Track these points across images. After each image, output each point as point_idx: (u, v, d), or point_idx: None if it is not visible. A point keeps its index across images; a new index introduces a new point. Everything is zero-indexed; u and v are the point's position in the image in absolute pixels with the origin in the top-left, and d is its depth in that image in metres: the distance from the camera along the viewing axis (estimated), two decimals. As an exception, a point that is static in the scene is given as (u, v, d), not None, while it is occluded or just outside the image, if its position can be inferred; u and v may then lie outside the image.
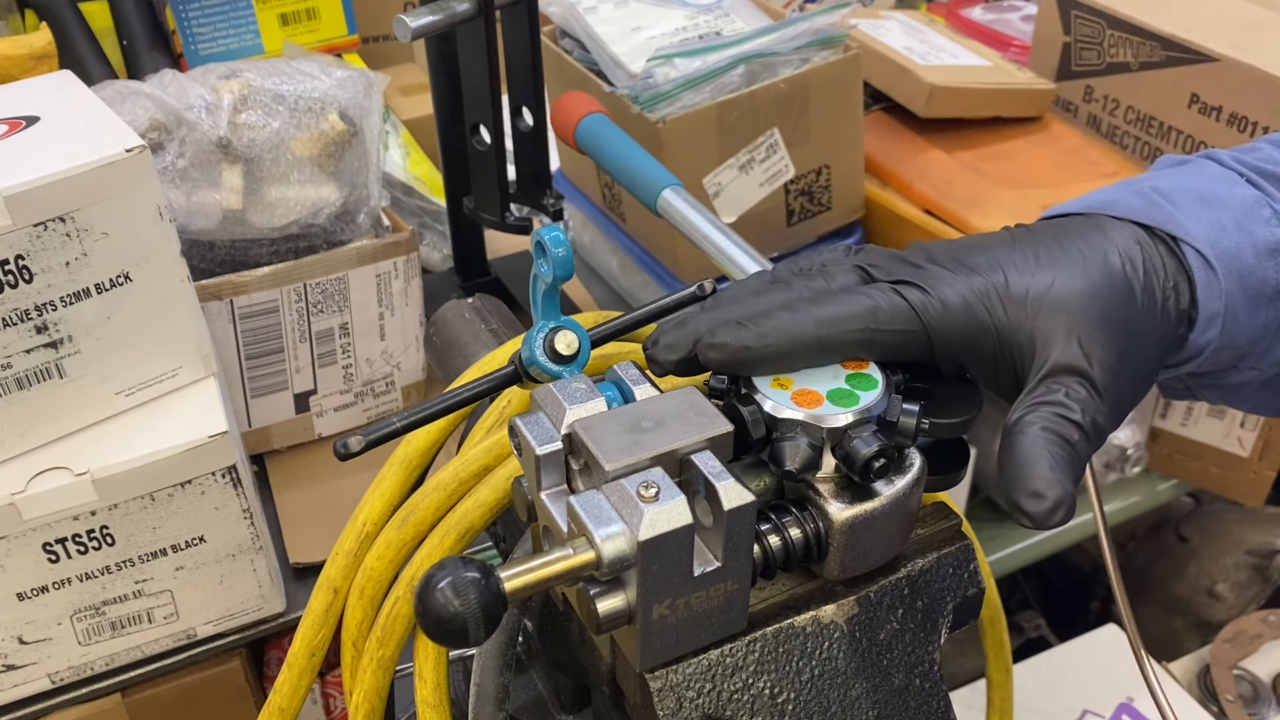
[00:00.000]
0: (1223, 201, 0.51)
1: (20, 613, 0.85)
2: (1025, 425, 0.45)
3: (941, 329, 0.47)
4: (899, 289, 0.47)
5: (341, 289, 1.04)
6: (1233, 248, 0.49)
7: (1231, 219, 0.50)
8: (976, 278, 0.48)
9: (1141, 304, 0.48)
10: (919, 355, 0.47)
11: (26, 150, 0.78)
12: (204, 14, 1.24)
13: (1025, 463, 0.44)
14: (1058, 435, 0.44)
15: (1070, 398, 0.45)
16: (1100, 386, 0.46)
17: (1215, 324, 0.49)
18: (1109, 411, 0.46)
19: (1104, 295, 0.47)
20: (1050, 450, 0.44)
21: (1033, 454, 0.44)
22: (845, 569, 0.44)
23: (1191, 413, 1.47)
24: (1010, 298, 0.47)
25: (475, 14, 0.95)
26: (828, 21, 1.10)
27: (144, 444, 0.83)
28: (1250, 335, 0.50)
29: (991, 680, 0.71)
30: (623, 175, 0.80)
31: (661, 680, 0.42)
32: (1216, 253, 0.49)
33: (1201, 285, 0.49)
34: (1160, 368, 0.50)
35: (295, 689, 0.57)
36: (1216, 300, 0.49)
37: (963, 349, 0.47)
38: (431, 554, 0.51)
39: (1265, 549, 1.55)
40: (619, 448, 0.41)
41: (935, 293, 0.47)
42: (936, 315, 0.46)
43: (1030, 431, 0.45)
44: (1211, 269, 0.49)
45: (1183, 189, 0.51)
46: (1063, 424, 0.45)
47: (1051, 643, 1.55)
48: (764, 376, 0.46)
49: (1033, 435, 0.44)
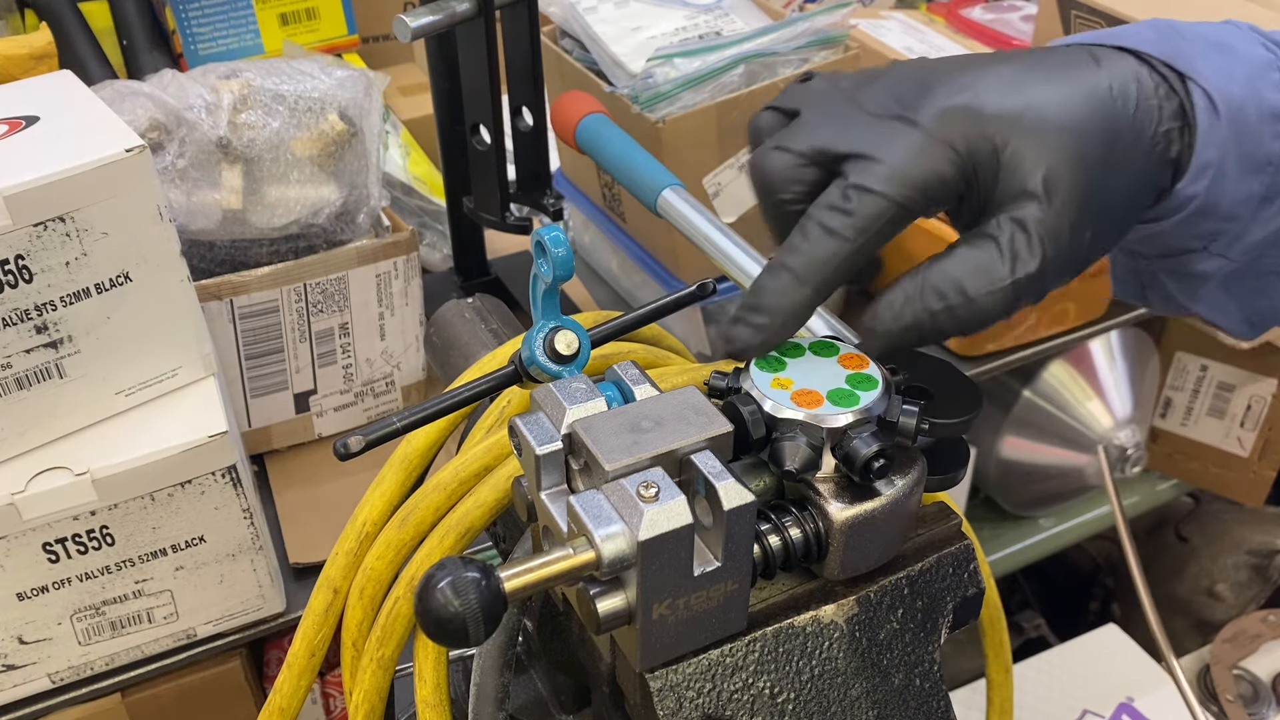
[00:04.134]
0: (1237, 53, 0.48)
1: (20, 613, 0.85)
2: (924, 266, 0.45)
3: (915, 195, 0.45)
4: (858, 179, 0.45)
5: (341, 289, 1.04)
6: (1239, 101, 0.47)
7: (1243, 72, 0.47)
8: (943, 105, 0.45)
9: (1124, 145, 0.45)
10: (905, 226, 0.46)
11: (26, 150, 0.78)
12: (204, 14, 1.24)
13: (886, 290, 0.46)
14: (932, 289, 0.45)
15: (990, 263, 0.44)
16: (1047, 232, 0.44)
17: (1206, 175, 0.47)
18: (1056, 260, 0.44)
19: (1083, 125, 0.45)
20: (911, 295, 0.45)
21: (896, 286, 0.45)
22: (845, 569, 0.44)
23: (1191, 413, 1.47)
24: (981, 120, 0.45)
25: (475, 14, 0.95)
26: (828, 21, 1.10)
27: (144, 444, 0.83)
28: (1232, 204, 0.48)
29: (991, 680, 0.71)
30: (623, 175, 0.80)
31: (661, 680, 0.42)
32: (1224, 99, 0.46)
33: (1203, 129, 0.46)
34: (1134, 220, 0.48)
35: (295, 689, 0.57)
36: (1215, 149, 0.46)
37: (939, 195, 0.46)
38: (431, 554, 0.51)
39: (1265, 549, 1.55)
40: (619, 447, 0.41)
41: (895, 161, 0.45)
42: (906, 187, 0.45)
43: (918, 272, 0.45)
44: (1216, 114, 0.46)
45: (1198, 33, 0.49)
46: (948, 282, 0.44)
47: (1051, 643, 1.55)
48: (764, 375, 0.46)
49: (913, 276, 0.45)
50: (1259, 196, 0.48)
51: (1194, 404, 1.47)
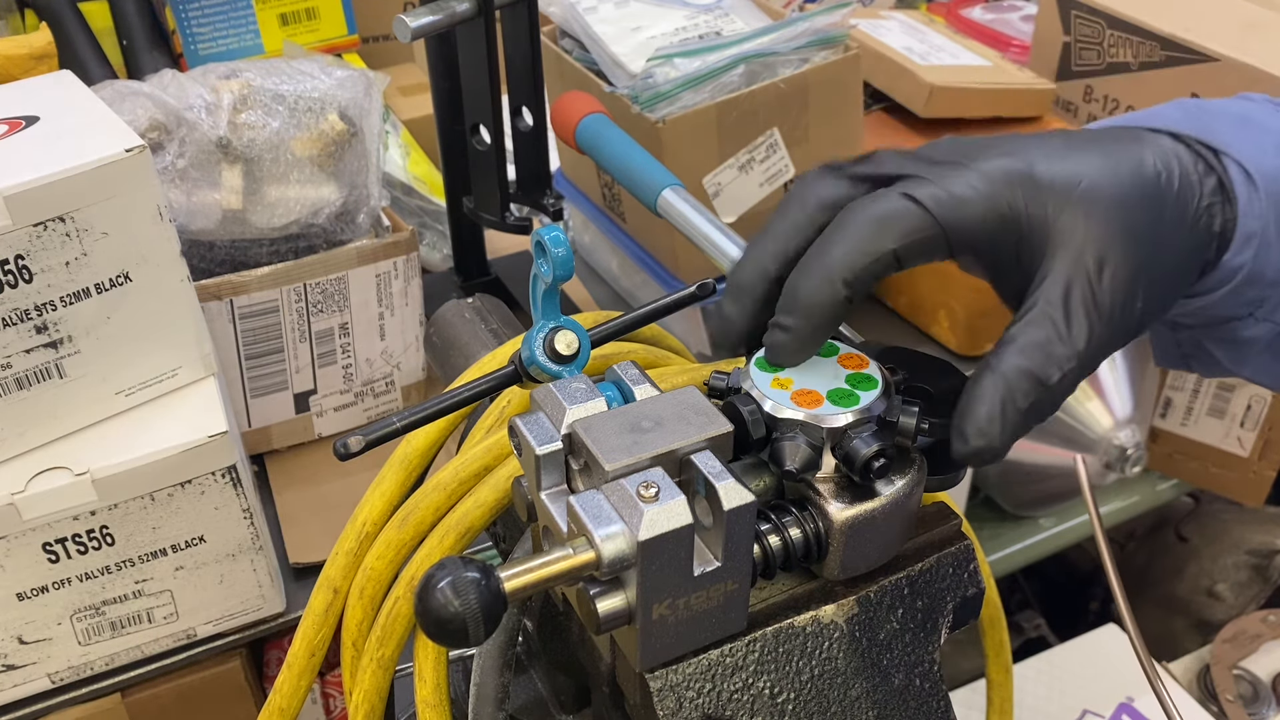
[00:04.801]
0: (1262, 126, 0.49)
1: (20, 613, 0.85)
2: (997, 363, 0.43)
3: (958, 224, 0.44)
4: (906, 189, 0.44)
5: (341, 289, 1.04)
6: (1273, 172, 0.47)
7: (1271, 143, 0.48)
8: (996, 163, 0.45)
9: (1170, 220, 0.46)
10: (939, 256, 0.45)
11: (26, 150, 0.78)
12: (204, 14, 1.24)
13: (974, 399, 0.43)
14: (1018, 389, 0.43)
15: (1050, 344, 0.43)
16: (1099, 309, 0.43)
17: (1251, 245, 0.47)
18: (1110, 336, 0.44)
19: (1133, 201, 0.45)
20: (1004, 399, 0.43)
21: (984, 395, 0.43)
22: (845, 569, 0.44)
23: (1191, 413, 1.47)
24: (1033, 185, 0.44)
25: (475, 14, 0.95)
26: (828, 21, 1.10)
27: (144, 444, 0.83)
28: (1276, 270, 0.48)
29: (991, 680, 0.71)
30: (623, 175, 0.80)
31: (661, 680, 0.42)
32: (1258, 171, 0.47)
33: (1243, 201, 0.47)
34: (1181, 292, 0.48)
35: (295, 689, 0.57)
36: (1256, 220, 0.47)
37: (984, 245, 0.45)
38: (431, 554, 0.51)
39: (1265, 549, 1.55)
40: (619, 447, 0.41)
41: (946, 186, 0.44)
42: (950, 210, 0.44)
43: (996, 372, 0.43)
44: (1254, 185, 0.47)
45: (1222, 110, 0.50)
46: (1026, 379, 0.43)
47: (1051, 643, 1.55)
48: (764, 375, 0.46)
49: (995, 378, 0.43)
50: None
51: (1194, 404, 1.47)
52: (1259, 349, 0.52)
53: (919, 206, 0.44)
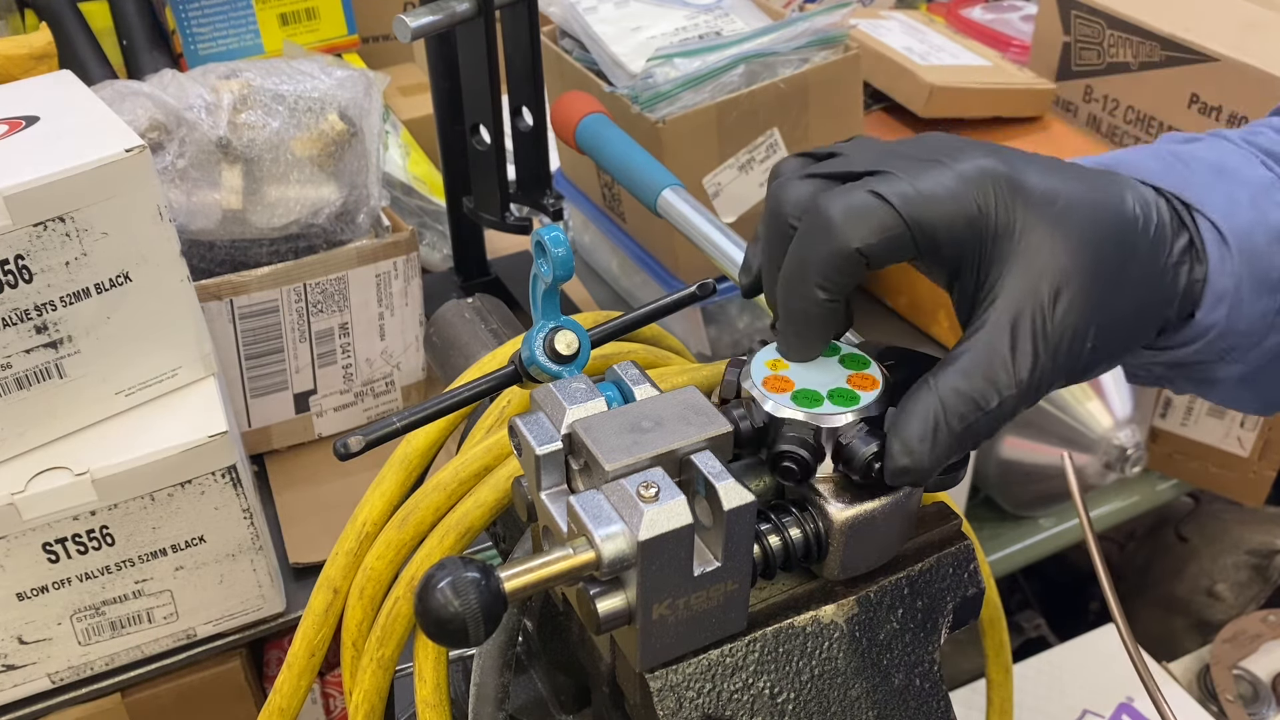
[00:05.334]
0: (1239, 177, 0.48)
1: (20, 613, 0.85)
2: (935, 382, 0.42)
3: (924, 222, 0.42)
4: (874, 185, 0.43)
5: (341, 289, 1.04)
6: (1247, 226, 0.47)
7: (1247, 196, 0.47)
8: (975, 162, 0.43)
9: (1138, 267, 0.45)
10: (907, 254, 0.43)
11: (26, 150, 0.78)
12: (204, 14, 1.24)
13: (908, 415, 0.42)
14: (953, 411, 0.42)
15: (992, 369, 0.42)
16: (1046, 337, 0.42)
17: (1224, 303, 0.46)
18: (1052, 370, 0.43)
19: (1106, 236, 0.44)
20: (937, 419, 0.42)
21: (917, 413, 0.42)
22: (845, 569, 0.44)
23: (1191, 413, 1.47)
24: (1009, 188, 0.43)
25: (475, 14, 0.95)
26: (828, 21, 1.10)
27: (144, 444, 0.83)
28: (1249, 323, 0.47)
29: (991, 680, 0.71)
30: (623, 175, 0.80)
31: (661, 680, 0.42)
32: (1231, 229, 0.46)
33: (1214, 260, 0.46)
34: (1136, 345, 0.47)
35: (295, 689, 0.57)
36: (1229, 278, 0.46)
37: (948, 245, 0.43)
38: (431, 554, 0.51)
39: (1265, 549, 1.55)
40: (619, 447, 0.41)
41: (915, 183, 0.42)
42: (917, 207, 0.42)
43: (934, 392, 0.42)
44: (1226, 245, 0.46)
45: (1199, 158, 0.49)
46: (964, 402, 0.42)
47: (1051, 643, 1.55)
48: (766, 374, 0.46)
49: (930, 397, 0.42)
50: (1274, 311, 0.48)
51: (1194, 404, 1.46)
52: (1231, 384, 0.51)
53: (885, 203, 0.42)
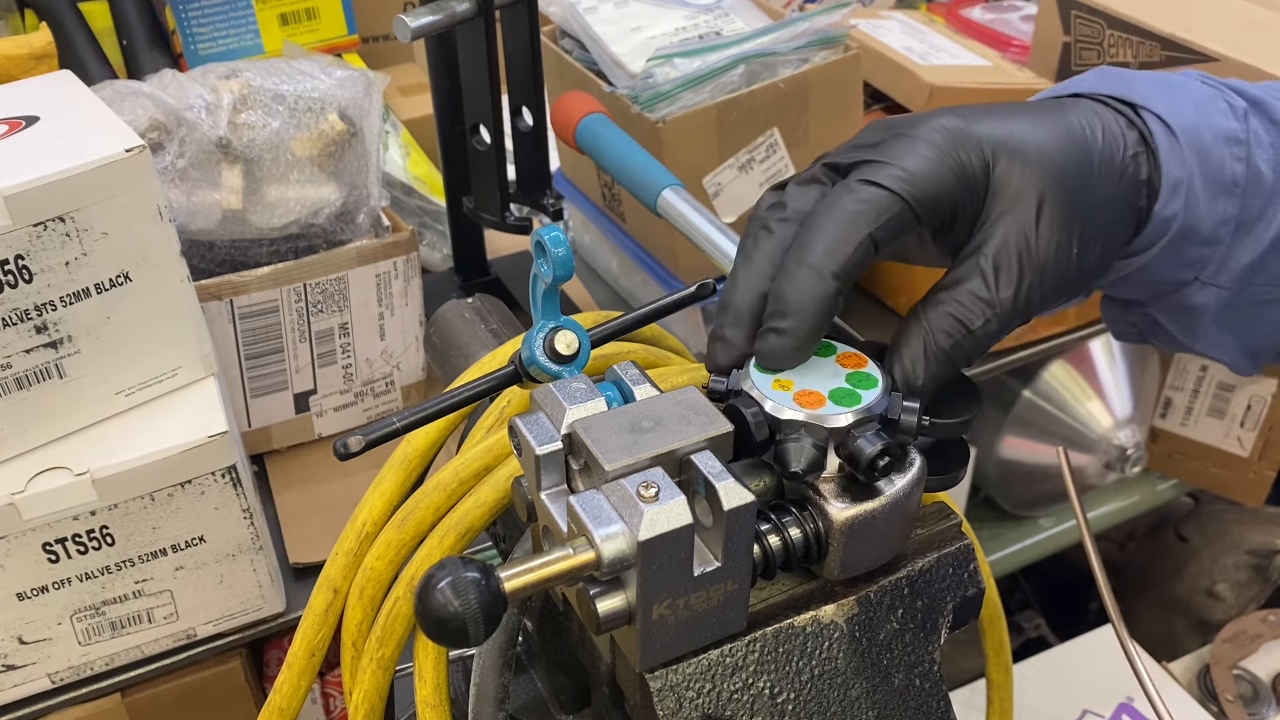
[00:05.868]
0: (1182, 87, 0.51)
1: (20, 613, 0.85)
2: (924, 308, 0.47)
3: (921, 195, 0.46)
4: (863, 176, 0.46)
5: (341, 289, 1.04)
6: (1192, 124, 0.50)
7: (1190, 101, 0.50)
8: (935, 123, 0.47)
9: (1098, 170, 0.48)
10: (911, 231, 0.47)
11: (26, 150, 0.78)
12: (204, 14, 1.24)
13: (900, 342, 0.47)
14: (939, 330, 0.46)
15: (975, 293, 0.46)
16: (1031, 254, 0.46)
17: (1179, 194, 0.49)
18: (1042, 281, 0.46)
19: (1062, 153, 0.47)
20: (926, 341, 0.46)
21: (909, 338, 0.46)
22: (845, 569, 0.44)
23: (1191, 413, 1.47)
24: (971, 138, 0.47)
25: (475, 14, 0.95)
26: (828, 21, 1.10)
27: (144, 444, 0.83)
28: (1211, 226, 0.50)
29: (991, 680, 0.71)
30: (623, 175, 0.80)
31: (661, 680, 0.42)
32: (1177, 124, 0.49)
33: (1164, 149, 0.49)
34: (1119, 245, 0.50)
35: (295, 689, 0.57)
36: (1180, 167, 0.49)
37: (946, 206, 0.47)
38: (431, 554, 0.51)
39: (1265, 549, 1.55)
40: (619, 447, 0.41)
41: (900, 163, 0.46)
42: (910, 183, 0.46)
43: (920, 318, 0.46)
44: (1174, 135, 0.49)
45: (1141, 75, 0.52)
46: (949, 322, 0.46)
47: (1051, 643, 1.55)
48: (765, 377, 0.46)
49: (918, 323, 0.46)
50: (1234, 219, 0.50)
51: (1194, 404, 1.47)
52: (1208, 319, 0.53)
53: (882, 189, 0.46)
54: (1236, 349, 0.55)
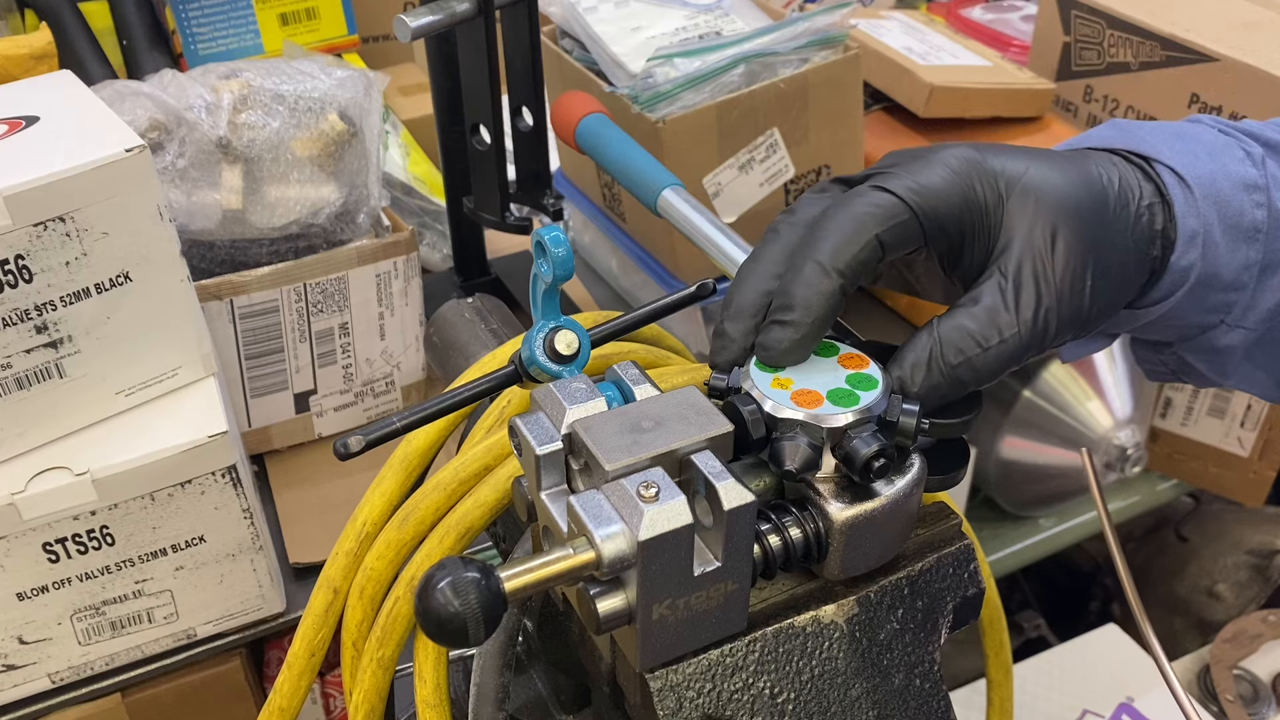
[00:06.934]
0: (1195, 138, 0.52)
1: (20, 613, 0.85)
2: (939, 322, 0.47)
3: (930, 210, 0.47)
4: (878, 183, 0.47)
5: (341, 289, 1.04)
6: (1208, 175, 0.50)
7: (1205, 151, 0.51)
8: (955, 153, 0.48)
9: (1115, 211, 0.49)
10: (915, 243, 0.47)
11: (26, 150, 0.78)
12: (204, 14, 1.24)
13: (907, 347, 0.47)
14: (949, 344, 0.46)
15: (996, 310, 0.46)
16: (1047, 280, 0.46)
17: (1195, 245, 0.50)
18: (1058, 310, 0.47)
19: (1077, 193, 0.48)
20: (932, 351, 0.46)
21: (916, 344, 0.47)
22: (845, 569, 0.44)
23: (1191, 413, 1.47)
24: (986, 173, 0.48)
25: (475, 14, 0.95)
26: (828, 21, 1.10)
27: (144, 444, 0.83)
28: (1233, 272, 0.50)
29: (991, 680, 0.71)
30: (623, 175, 0.80)
31: (661, 680, 0.42)
32: (1191, 175, 0.50)
33: (1179, 202, 0.49)
34: (1133, 288, 0.50)
35: (295, 689, 0.57)
36: (1195, 219, 0.49)
37: (953, 228, 0.47)
38: (431, 554, 0.51)
39: (1265, 549, 1.55)
40: (619, 447, 0.41)
41: (915, 177, 0.47)
42: (921, 197, 0.47)
43: (934, 329, 0.47)
44: (1188, 188, 0.50)
45: (1153, 127, 0.53)
46: (963, 337, 0.46)
47: (1051, 643, 1.55)
48: (764, 375, 0.46)
49: (930, 333, 0.47)
50: (1259, 264, 0.51)
51: (1194, 404, 1.47)
52: (1237, 358, 0.54)
53: (894, 195, 0.47)
54: (1268, 382, 0.55)
